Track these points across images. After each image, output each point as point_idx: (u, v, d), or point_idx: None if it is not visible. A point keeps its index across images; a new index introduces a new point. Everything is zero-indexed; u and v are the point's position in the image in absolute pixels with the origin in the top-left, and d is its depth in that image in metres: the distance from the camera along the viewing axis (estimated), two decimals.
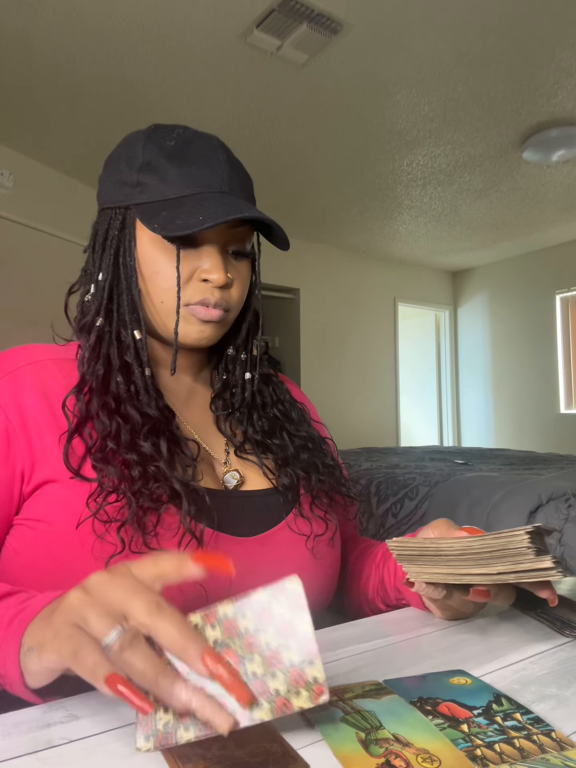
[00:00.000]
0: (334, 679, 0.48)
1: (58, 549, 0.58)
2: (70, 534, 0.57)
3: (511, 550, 0.51)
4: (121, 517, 0.57)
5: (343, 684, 0.47)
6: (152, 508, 0.58)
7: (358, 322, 5.66)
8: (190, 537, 0.58)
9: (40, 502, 0.60)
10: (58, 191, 3.63)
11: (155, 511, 0.58)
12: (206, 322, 0.67)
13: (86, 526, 0.57)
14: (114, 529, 0.56)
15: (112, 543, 0.56)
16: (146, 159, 0.66)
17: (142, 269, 0.67)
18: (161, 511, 0.58)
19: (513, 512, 1.77)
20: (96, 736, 0.40)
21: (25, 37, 2.45)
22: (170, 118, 3.02)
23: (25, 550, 0.59)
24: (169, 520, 0.59)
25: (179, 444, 0.64)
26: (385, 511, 2.15)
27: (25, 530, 0.60)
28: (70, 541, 0.57)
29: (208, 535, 0.61)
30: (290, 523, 0.69)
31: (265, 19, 2.32)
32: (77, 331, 0.69)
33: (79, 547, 0.57)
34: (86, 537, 0.57)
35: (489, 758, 0.37)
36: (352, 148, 3.49)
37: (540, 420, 5.45)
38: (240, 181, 0.69)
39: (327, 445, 0.81)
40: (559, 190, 4.11)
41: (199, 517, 0.60)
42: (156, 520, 0.58)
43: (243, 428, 0.74)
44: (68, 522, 0.58)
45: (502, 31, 2.42)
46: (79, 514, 0.57)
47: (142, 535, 0.57)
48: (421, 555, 0.56)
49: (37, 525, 0.59)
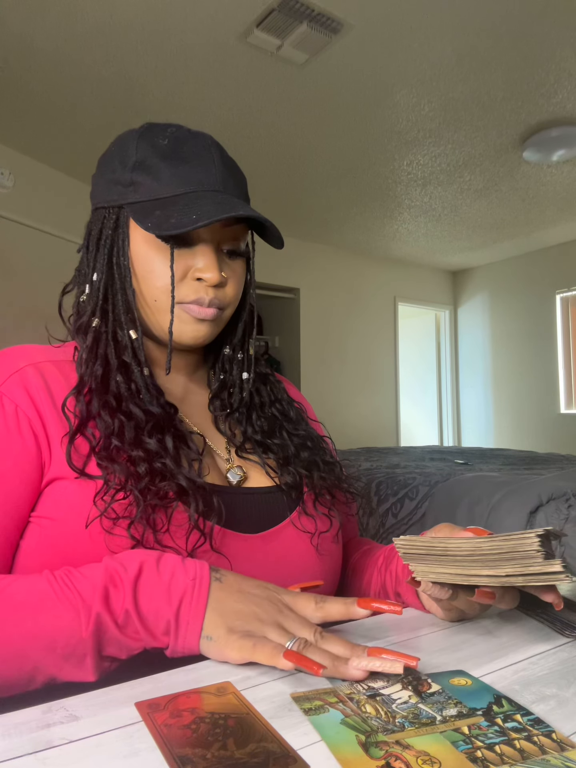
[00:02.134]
0: (334, 680, 0.48)
1: (68, 547, 0.58)
2: (79, 532, 0.57)
3: (521, 553, 0.50)
4: (129, 515, 0.57)
5: (344, 685, 0.47)
6: (160, 505, 0.58)
7: (358, 322, 5.66)
8: (198, 534, 0.59)
9: (50, 499, 0.60)
10: (58, 191, 3.63)
11: (163, 509, 0.59)
12: (201, 320, 0.67)
13: (95, 524, 0.57)
14: (123, 526, 0.57)
15: (121, 539, 0.57)
16: (139, 158, 0.66)
17: (136, 268, 0.67)
18: (172, 510, 0.59)
19: (513, 512, 1.77)
20: (96, 736, 0.40)
21: (25, 37, 2.45)
22: (170, 117, 3.02)
23: (35, 549, 0.60)
24: (178, 517, 0.59)
25: (184, 439, 0.65)
26: (385, 510, 2.15)
27: (35, 528, 0.60)
28: (79, 539, 0.57)
29: (215, 532, 0.61)
30: (294, 521, 0.69)
31: (265, 18, 2.32)
32: (74, 333, 0.69)
33: (89, 545, 0.57)
34: (96, 535, 0.57)
35: (489, 760, 0.37)
36: (352, 148, 3.49)
37: (540, 420, 5.45)
38: (234, 180, 0.69)
39: (325, 443, 0.81)
40: (559, 190, 4.11)
41: (206, 513, 0.60)
42: (166, 518, 0.58)
43: (242, 428, 0.75)
44: (76, 520, 0.58)
45: (502, 31, 2.42)
46: (86, 512, 0.57)
47: (153, 533, 0.57)
48: (428, 554, 0.56)
49: (46, 523, 0.59)
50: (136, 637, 0.50)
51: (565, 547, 1.61)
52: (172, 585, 0.51)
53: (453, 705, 0.43)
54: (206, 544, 0.59)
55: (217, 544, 0.61)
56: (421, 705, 0.44)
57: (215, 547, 0.60)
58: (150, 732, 0.39)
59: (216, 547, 0.60)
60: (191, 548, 0.58)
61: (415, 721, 0.41)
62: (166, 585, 0.51)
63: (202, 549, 0.59)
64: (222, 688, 0.46)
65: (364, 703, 0.44)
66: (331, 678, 0.48)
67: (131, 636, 0.50)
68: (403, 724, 0.41)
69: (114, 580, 0.51)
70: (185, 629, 0.50)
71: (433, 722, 0.41)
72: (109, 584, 0.50)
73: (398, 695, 0.45)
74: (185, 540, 0.58)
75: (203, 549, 0.59)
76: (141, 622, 0.50)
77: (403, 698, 0.44)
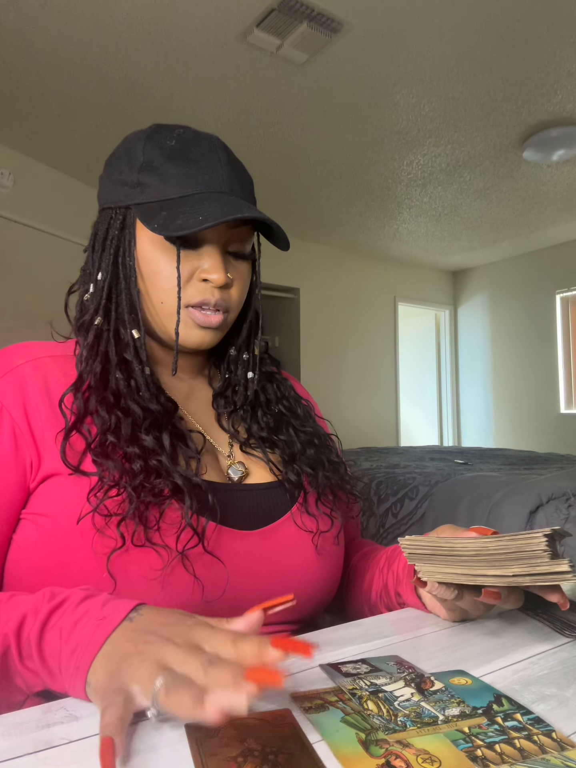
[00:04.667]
0: (337, 677, 0.48)
1: (59, 543, 0.58)
2: (70, 528, 0.57)
3: (527, 553, 0.50)
4: (121, 512, 0.57)
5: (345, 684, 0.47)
6: (154, 502, 0.58)
7: (358, 321, 5.66)
8: (191, 532, 0.58)
9: (43, 496, 0.60)
10: (58, 191, 3.63)
11: (157, 506, 0.58)
12: (206, 328, 0.67)
13: (87, 521, 0.57)
14: (114, 523, 0.56)
15: (113, 538, 0.56)
16: (147, 159, 0.66)
17: (142, 269, 0.67)
18: (164, 507, 0.58)
19: (513, 512, 1.77)
20: (96, 736, 0.40)
21: (25, 37, 2.44)
22: (170, 117, 3.02)
23: (27, 545, 0.60)
24: (172, 515, 0.59)
25: (183, 437, 0.64)
26: (385, 510, 2.15)
27: (28, 525, 0.60)
28: (70, 536, 0.57)
29: (210, 529, 0.61)
30: (295, 518, 0.69)
31: (265, 18, 2.32)
32: (76, 330, 0.69)
33: (79, 542, 0.57)
34: (87, 532, 0.57)
35: (489, 759, 0.37)
36: (352, 148, 3.49)
37: (540, 420, 5.45)
38: (240, 182, 0.69)
39: (332, 441, 0.81)
40: (559, 190, 4.11)
41: (201, 511, 0.60)
42: (159, 515, 0.58)
43: (246, 425, 0.74)
44: (69, 516, 0.58)
45: (502, 31, 2.42)
46: (80, 509, 0.57)
47: (144, 530, 0.57)
48: (433, 554, 0.56)
49: (39, 519, 0.59)
50: (34, 670, 0.47)
51: (565, 547, 1.61)
52: (79, 624, 0.46)
53: (456, 704, 0.43)
54: (198, 543, 0.59)
55: (212, 542, 0.61)
56: (424, 703, 0.44)
57: (210, 545, 0.60)
58: (193, 760, 0.37)
59: (211, 544, 0.60)
60: (182, 547, 0.57)
61: (417, 720, 0.41)
62: (74, 623, 0.46)
63: (195, 548, 0.59)
64: (281, 716, 0.42)
65: (366, 699, 0.44)
66: (331, 676, 0.48)
67: (30, 669, 0.47)
68: (405, 723, 0.41)
69: (36, 608, 0.48)
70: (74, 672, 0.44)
71: (435, 722, 0.41)
72: (29, 612, 0.48)
73: (401, 692, 0.45)
74: (176, 538, 0.57)
75: (196, 548, 0.59)
76: (40, 656, 0.46)
77: (405, 696, 0.44)
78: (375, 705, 0.43)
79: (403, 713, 0.42)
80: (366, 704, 0.43)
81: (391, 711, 0.42)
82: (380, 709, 0.43)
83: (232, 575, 0.61)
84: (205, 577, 0.59)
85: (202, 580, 0.58)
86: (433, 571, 0.56)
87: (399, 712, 0.42)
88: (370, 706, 0.43)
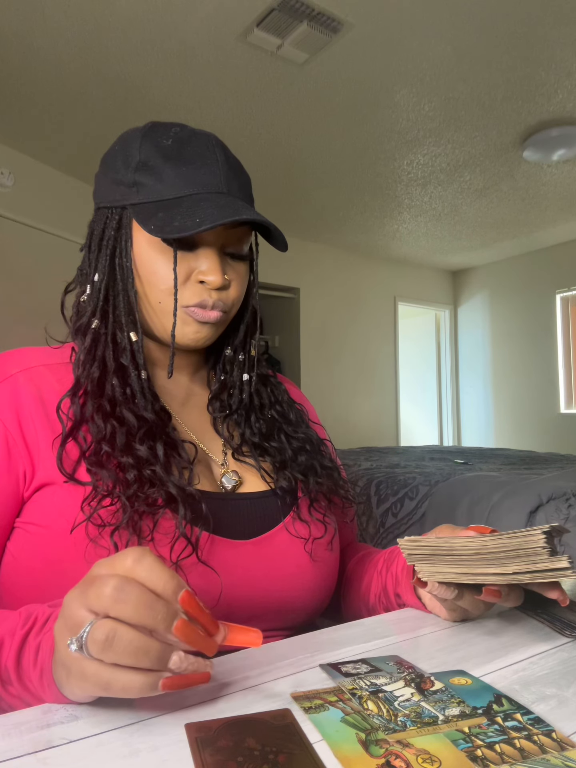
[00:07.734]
0: (337, 677, 0.48)
1: (53, 553, 0.57)
2: (64, 537, 0.57)
3: (527, 550, 0.50)
4: (115, 521, 0.56)
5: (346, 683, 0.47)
6: (148, 512, 0.58)
7: (358, 321, 5.66)
8: (184, 542, 0.58)
9: (38, 505, 0.60)
10: (58, 190, 3.63)
11: (151, 516, 0.58)
12: (203, 323, 0.67)
13: (80, 530, 0.56)
14: (108, 533, 0.56)
15: (106, 548, 0.56)
16: (143, 158, 0.65)
17: (139, 270, 0.66)
18: (158, 517, 0.58)
19: (513, 512, 1.77)
20: (96, 736, 0.40)
21: (25, 37, 2.44)
22: (170, 117, 3.02)
23: (20, 554, 0.59)
24: (166, 525, 0.58)
25: (176, 447, 0.64)
26: (385, 510, 2.15)
27: (22, 534, 0.60)
28: (64, 545, 0.57)
29: (203, 539, 0.60)
30: (288, 526, 0.68)
31: (265, 18, 2.32)
32: (73, 333, 0.68)
33: (73, 551, 0.57)
34: (80, 541, 0.56)
35: (489, 759, 0.37)
36: (352, 148, 3.49)
37: (540, 420, 5.45)
38: (238, 182, 0.68)
39: (325, 446, 0.80)
40: (559, 190, 4.11)
41: (195, 521, 0.59)
42: (153, 525, 0.57)
43: (240, 430, 0.74)
44: (63, 525, 0.57)
45: (502, 31, 2.42)
46: (74, 518, 0.57)
47: (138, 540, 0.56)
48: (433, 554, 0.56)
49: (33, 528, 0.59)
50: (17, 695, 0.47)
51: (565, 547, 1.61)
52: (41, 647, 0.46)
53: (456, 704, 0.43)
54: (192, 552, 0.58)
55: (206, 552, 0.60)
56: (424, 703, 0.43)
57: (203, 555, 0.59)
58: (193, 760, 0.37)
59: (204, 554, 0.60)
60: (176, 557, 0.57)
61: (417, 720, 0.41)
62: (37, 647, 0.46)
63: (189, 558, 0.59)
64: (281, 715, 0.42)
65: (366, 699, 0.44)
66: (331, 676, 0.48)
67: (13, 694, 0.47)
68: (405, 723, 0.41)
69: (12, 631, 0.48)
70: (50, 694, 0.44)
71: (435, 722, 0.41)
72: (6, 636, 0.48)
73: (401, 692, 0.45)
74: (170, 548, 0.57)
75: (190, 558, 0.59)
76: (20, 682, 0.46)
77: (405, 696, 0.44)
78: (375, 705, 0.43)
79: (403, 713, 0.42)
80: (366, 704, 0.43)
81: (391, 711, 0.42)
82: (380, 709, 0.43)
83: (225, 585, 0.61)
84: (199, 586, 0.58)
85: (195, 590, 0.58)
86: (432, 571, 0.56)
87: (399, 712, 0.42)
88: (370, 706, 0.43)
